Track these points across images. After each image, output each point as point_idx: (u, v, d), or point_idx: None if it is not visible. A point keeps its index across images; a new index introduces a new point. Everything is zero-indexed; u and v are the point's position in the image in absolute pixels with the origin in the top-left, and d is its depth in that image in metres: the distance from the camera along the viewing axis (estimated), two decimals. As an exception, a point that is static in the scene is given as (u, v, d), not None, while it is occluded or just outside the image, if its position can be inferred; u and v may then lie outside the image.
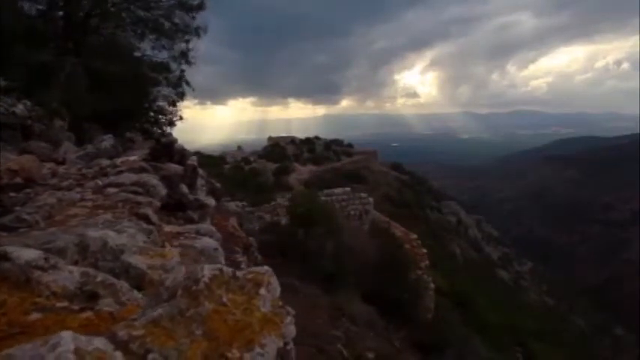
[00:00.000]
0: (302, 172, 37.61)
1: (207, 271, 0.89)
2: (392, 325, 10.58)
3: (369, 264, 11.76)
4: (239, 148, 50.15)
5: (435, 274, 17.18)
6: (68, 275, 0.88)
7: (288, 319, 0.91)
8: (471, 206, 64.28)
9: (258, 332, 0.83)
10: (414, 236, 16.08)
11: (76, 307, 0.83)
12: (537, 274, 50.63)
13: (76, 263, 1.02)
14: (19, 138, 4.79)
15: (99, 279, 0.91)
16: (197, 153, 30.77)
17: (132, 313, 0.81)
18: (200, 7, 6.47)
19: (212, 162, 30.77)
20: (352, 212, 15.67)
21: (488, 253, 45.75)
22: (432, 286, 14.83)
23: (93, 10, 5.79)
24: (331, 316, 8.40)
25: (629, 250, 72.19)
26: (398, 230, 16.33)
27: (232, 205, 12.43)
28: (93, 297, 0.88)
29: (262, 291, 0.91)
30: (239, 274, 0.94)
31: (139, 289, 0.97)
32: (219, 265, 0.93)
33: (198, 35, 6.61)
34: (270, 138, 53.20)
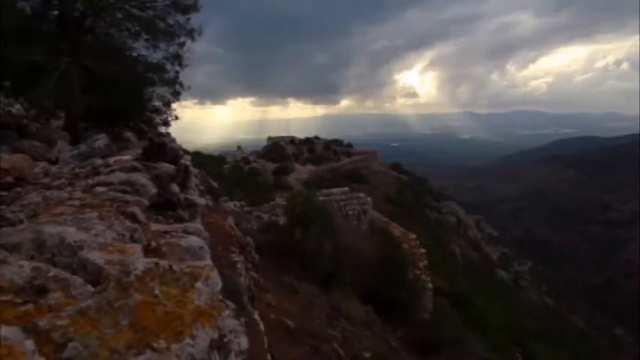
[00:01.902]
0: (301, 172, 37.63)
1: (140, 264, 0.90)
2: (389, 324, 10.60)
3: (366, 264, 11.78)
4: (239, 147, 50.14)
5: (434, 274, 17.18)
6: (18, 269, 0.89)
7: (227, 312, 0.91)
8: (470, 206, 64.25)
9: (189, 324, 0.84)
10: (413, 236, 16.09)
11: (19, 301, 0.84)
12: (537, 274, 50.59)
13: (32, 258, 1.03)
14: (14, 137, 4.81)
15: (51, 274, 0.92)
16: (197, 153, 30.78)
17: (70, 306, 0.82)
18: (194, 7, 6.47)
19: (211, 162, 30.77)
20: (350, 212, 15.68)
21: (487, 253, 45.73)
22: (430, 285, 14.84)
23: (88, 9, 5.79)
24: (328, 316, 8.41)
25: (629, 250, 72.15)
26: (397, 230, 16.33)
27: (230, 205, 12.44)
28: (41, 291, 0.88)
29: (199, 284, 0.92)
30: (176, 267, 0.95)
31: (96, 284, 0.97)
32: (155, 259, 0.94)
33: (192, 36, 6.62)
34: (269, 138, 53.16)
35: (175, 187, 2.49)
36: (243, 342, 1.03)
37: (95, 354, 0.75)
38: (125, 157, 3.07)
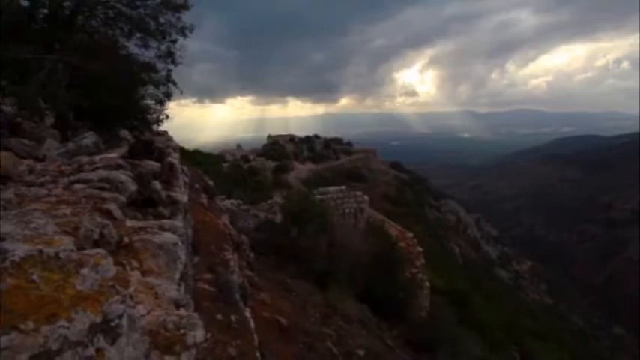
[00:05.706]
0: (301, 170, 37.68)
1: (20, 250, 0.93)
2: (385, 322, 10.62)
3: (362, 262, 11.79)
4: (238, 146, 50.18)
5: (432, 273, 17.20)
6: None
7: (116, 297, 0.94)
8: (470, 205, 64.30)
9: (66, 307, 0.87)
10: (410, 235, 16.10)
11: None
12: (537, 274, 50.63)
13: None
14: (6, 136, 4.81)
15: (-40, 263, 0.94)
16: (195, 151, 30.75)
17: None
18: (184, 6, 6.49)
19: (210, 160, 30.74)
20: (347, 211, 15.70)
21: (487, 252, 45.77)
22: (427, 284, 14.85)
23: (78, 7, 5.81)
24: (323, 314, 8.43)
25: (629, 250, 72.21)
26: (394, 229, 16.35)
27: (227, 204, 12.45)
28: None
29: (85, 271, 0.94)
30: (63, 255, 0.97)
31: None
32: (39, 246, 0.96)
33: (184, 33, 6.65)
34: (269, 136, 53.15)
35: (157, 185, 2.50)
36: (199, 335, 1.05)
37: None
38: (111, 155, 3.08)
